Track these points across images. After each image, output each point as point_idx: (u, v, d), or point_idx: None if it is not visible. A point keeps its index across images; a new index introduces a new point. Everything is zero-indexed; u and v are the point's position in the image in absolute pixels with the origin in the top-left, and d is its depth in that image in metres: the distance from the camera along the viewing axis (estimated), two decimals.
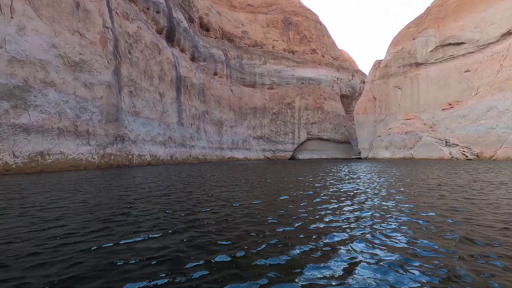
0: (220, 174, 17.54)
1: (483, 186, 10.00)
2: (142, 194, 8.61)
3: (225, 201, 7.28)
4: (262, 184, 11.68)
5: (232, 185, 11.16)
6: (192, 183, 12.27)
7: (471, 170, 18.93)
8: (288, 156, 78.15)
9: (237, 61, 69.45)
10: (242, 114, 69.20)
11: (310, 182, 12.34)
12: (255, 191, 9.38)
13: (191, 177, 15.55)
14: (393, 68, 65.14)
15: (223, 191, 9.47)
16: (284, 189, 10.03)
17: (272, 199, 7.67)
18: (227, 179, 14.02)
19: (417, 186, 10.57)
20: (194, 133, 49.76)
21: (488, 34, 48.93)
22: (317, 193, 8.84)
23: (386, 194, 8.50)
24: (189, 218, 5.29)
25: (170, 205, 6.78)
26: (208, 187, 10.66)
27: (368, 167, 25.50)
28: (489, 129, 45.02)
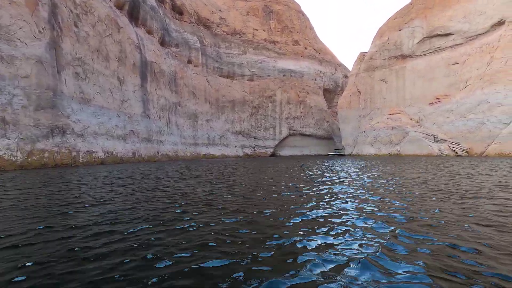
0: (181, 174, 12.53)
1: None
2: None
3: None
4: (241, 193, 6.96)
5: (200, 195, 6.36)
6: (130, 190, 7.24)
7: (475, 173, 15.12)
8: (269, 153, 73.75)
9: (214, 49, 63.75)
10: (220, 107, 63.72)
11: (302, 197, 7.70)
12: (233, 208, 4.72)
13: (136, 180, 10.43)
14: (378, 60, 62.31)
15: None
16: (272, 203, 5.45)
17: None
18: (198, 182, 9.11)
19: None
20: (163, 127, 43.86)
21: (477, 25, 46.78)
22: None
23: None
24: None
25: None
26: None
27: (347, 170, 21.33)
28: (479, 124, 42.87)
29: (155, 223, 4.51)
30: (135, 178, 12.55)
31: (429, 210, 5.41)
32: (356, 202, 6.34)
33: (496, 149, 39.21)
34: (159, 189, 8.61)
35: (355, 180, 11.19)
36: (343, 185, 9.45)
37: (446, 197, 6.72)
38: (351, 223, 4.50)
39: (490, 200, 6.24)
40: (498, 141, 39.44)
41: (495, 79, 41.55)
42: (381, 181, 10.46)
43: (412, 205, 5.88)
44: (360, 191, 8.04)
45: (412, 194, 7.28)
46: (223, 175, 13.89)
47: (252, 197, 7.04)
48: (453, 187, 8.53)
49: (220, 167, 20.68)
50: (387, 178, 11.54)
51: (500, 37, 42.48)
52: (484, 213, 5.03)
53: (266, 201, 6.43)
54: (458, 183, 9.37)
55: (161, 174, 14.89)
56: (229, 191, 7.82)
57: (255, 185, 9.56)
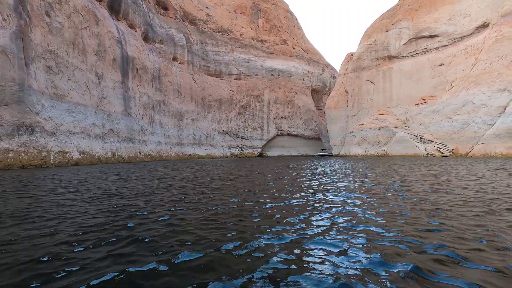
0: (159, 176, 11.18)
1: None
2: None
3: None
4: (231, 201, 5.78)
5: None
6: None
7: (467, 175, 14.58)
8: (257, 153, 72.67)
9: (201, 46, 62.09)
10: (206, 106, 62.11)
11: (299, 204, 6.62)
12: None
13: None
14: (365, 61, 62.42)
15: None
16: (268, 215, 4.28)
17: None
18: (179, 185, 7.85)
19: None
20: (146, 126, 41.97)
21: (462, 27, 47.37)
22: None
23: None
24: None
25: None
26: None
27: (333, 173, 20.58)
28: (464, 124, 43.30)
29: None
30: (101, 181, 11.11)
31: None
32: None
33: (480, 149, 39.60)
34: (117, 197, 7.30)
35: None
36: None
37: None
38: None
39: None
40: (482, 142, 39.86)
41: (480, 80, 42.05)
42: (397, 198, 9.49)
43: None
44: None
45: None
46: (200, 179, 12.66)
47: (225, 220, 5.25)
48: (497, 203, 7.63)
49: (201, 170, 19.41)
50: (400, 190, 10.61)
51: (485, 39, 43.06)
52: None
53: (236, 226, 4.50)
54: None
55: (132, 175, 13.48)
56: (196, 208, 5.74)
57: (235, 194, 8.40)
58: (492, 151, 37.66)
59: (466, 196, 6.96)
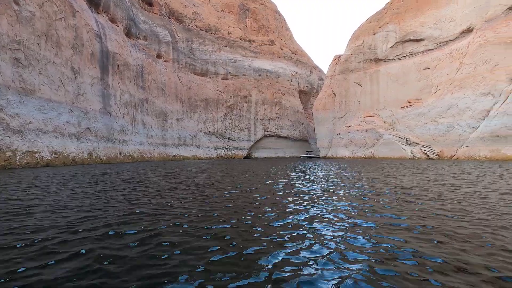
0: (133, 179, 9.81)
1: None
2: None
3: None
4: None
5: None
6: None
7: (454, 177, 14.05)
8: (244, 155, 71.46)
9: (187, 44, 60.39)
10: (192, 105, 60.40)
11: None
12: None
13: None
14: (353, 63, 62.52)
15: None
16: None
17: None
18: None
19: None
20: (127, 125, 39.99)
21: (447, 31, 48.02)
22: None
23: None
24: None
25: None
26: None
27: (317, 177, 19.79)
28: (449, 127, 43.72)
29: None
30: (41, 188, 9.65)
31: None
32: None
33: (465, 152, 40.00)
34: (26, 215, 5.96)
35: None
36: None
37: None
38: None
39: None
40: (467, 145, 40.29)
41: (464, 84, 42.58)
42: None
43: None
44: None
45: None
46: (172, 185, 11.41)
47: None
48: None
49: (181, 172, 18.10)
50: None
51: (469, 44, 43.70)
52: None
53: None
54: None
55: (92, 180, 12.04)
56: (134, 240, 3.79)
57: (213, 206, 7.24)
58: (477, 154, 38.05)
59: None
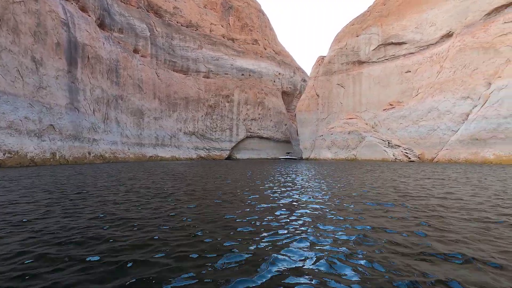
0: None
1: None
2: None
3: None
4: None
5: None
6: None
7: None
8: (225, 156, 69.45)
9: (166, 40, 57.70)
10: (171, 104, 57.73)
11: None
12: None
13: None
14: (336, 64, 62.36)
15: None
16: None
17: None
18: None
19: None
20: (98, 123, 37.03)
21: (428, 35, 48.64)
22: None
23: None
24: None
25: None
26: None
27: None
28: (430, 130, 44.11)
29: None
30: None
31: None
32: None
33: (445, 155, 40.35)
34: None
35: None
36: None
37: None
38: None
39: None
40: (447, 147, 40.68)
41: (445, 87, 43.11)
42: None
43: None
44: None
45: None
46: (129, 194, 9.60)
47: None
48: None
49: (150, 175, 16.16)
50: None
51: (449, 48, 44.37)
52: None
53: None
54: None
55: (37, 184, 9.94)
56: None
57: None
58: (456, 157, 38.39)
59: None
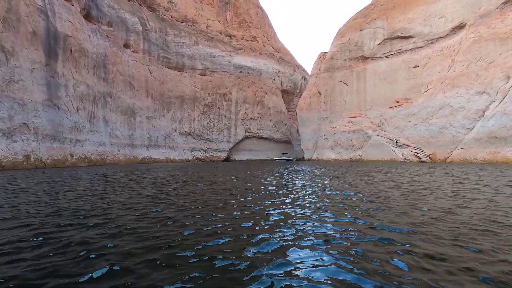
0: None
1: None
2: None
3: None
4: None
5: None
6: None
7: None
8: (223, 157, 66.33)
9: (160, 35, 54.60)
10: (165, 103, 54.58)
11: None
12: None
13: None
14: (339, 61, 59.42)
15: None
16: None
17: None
18: None
19: None
20: (83, 122, 33.86)
21: (438, 28, 45.78)
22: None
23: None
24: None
25: None
26: None
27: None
28: (442, 128, 41.17)
29: None
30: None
31: None
32: None
33: (460, 155, 37.40)
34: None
35: None
36: None
37: None
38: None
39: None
40: (462, 146, 37.74)
41: (457, 82, 40.22)
42: None
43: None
44: None
45: None
46: (98, 207, 6.44)
47: None
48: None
49: (131, 181, 13.03)
50: None
51: (461, 41, 41.51)
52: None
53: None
54: None
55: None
56: None
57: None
58: (473, 157, 35.44)
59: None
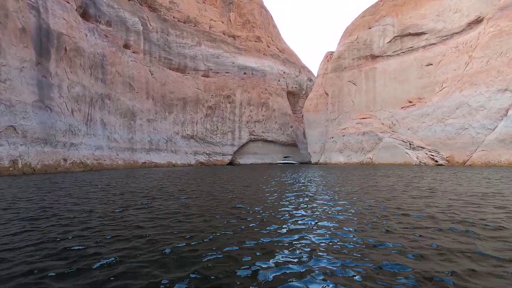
0: None
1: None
2: None
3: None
4: None
5: None
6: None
7: None
8: (227, 161, 64.24)
9: (161, 36, 53.04)
10: (167, 105, 52.82)
11: None
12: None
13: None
14: (347, 60, 57.15)
15: None
16: None
17: None
18: None
19: None
20: (79, 125, 32.09)
21: (452, 23, 43.32)
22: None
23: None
24: None
25: None
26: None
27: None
28: (459, 129, 38.53)
29: None
30: None
31: None
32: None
33: (481, 157, 34.68)
34: None
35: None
36: None
37: None
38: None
39: None
40: (483, 148, 35.03)
41: (476, 80, 37.63)
42: None
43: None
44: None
45: None
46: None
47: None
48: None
49: (121, 185, 10.92)
50: None
51: (479, 35, 38.96)
52: None
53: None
54: None
55: None
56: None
57: None
58: (496, 159, 32.73)
59: None
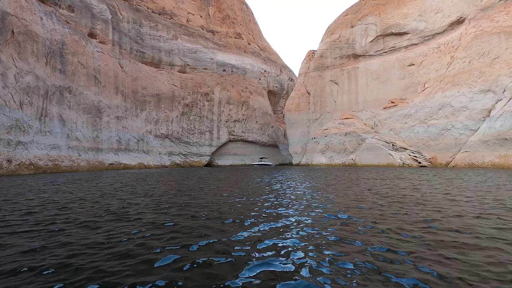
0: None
1: None
2: None
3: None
4: None
5: None
6: None
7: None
8: (204, 162, 60.88)
9: (134, 26, 48.98)
10: (139, 101, 48.76)
11: None
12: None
13: None
14: (329, 59, 55.86)
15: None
16: None
17: None
18: None
19: None
20: (30, 121, 27.81)
21: (434, 24, 43.02)
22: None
23: None
24: None
25: None
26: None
27: None
28: (442, 130, 37.95)
29: None
30: None
31: None
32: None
33: (465, 158, 34.08)
34: None
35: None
36: None
37: None
38: None
39: None
40: (466, 149, 34.49)
41: (458, 80, 37.20)
42: None
43: None
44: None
45: None
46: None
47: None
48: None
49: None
50: None
51: (461, 36, 38.68)
52: None
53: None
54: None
55: None
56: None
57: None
58: (480, 161, 32.12)
59: None
